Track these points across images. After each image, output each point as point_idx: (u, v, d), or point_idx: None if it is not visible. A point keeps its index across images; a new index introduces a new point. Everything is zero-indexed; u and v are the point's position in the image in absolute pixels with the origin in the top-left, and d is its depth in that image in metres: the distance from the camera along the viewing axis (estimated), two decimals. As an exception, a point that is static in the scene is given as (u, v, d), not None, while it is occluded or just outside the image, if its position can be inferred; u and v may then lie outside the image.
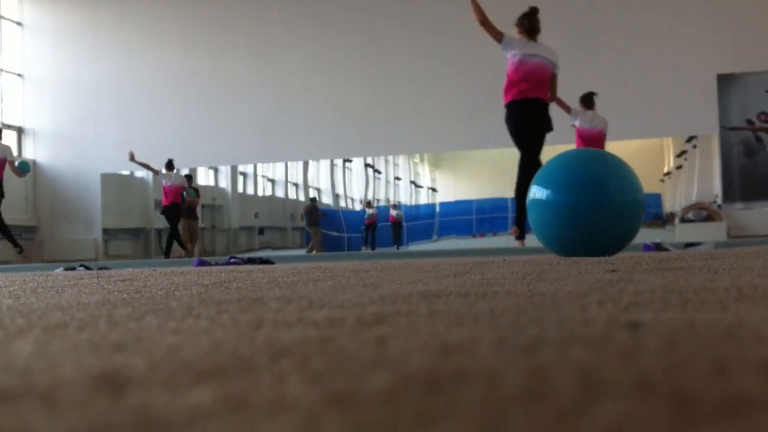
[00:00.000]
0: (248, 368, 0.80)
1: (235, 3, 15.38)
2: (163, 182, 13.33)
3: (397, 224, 15.55)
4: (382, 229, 15.60)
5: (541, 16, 7.43)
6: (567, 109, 8.70)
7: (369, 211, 15.65)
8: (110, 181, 16.00)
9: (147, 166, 13.22)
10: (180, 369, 0.79)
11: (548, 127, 7.32)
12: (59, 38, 16.29)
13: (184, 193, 13.83)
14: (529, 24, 7.29)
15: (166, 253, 13.45)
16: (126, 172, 16.20)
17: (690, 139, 13.73)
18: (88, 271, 5.45)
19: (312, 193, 16.17)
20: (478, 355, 0.83)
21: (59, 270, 6.33)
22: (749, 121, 13.21)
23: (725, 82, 13.25)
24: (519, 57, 7.20)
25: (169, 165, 13.33)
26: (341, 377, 0.72)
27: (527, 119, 7.17)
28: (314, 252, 14.75)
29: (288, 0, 15.13)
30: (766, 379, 0.67)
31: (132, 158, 12.93)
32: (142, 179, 16.32)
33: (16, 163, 10.83)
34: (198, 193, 14.48)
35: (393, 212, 15.64)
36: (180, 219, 13.55)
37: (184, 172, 15.49)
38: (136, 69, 15.79)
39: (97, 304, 1.81)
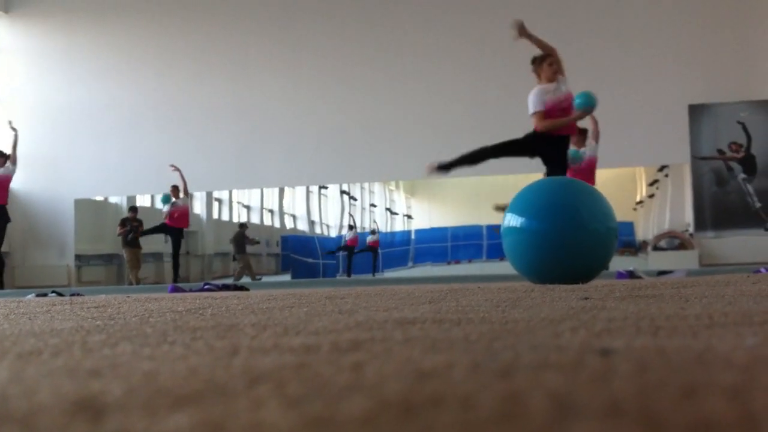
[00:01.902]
0: (225, 394, 0.80)
1: (211, 29, 15.41)
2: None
3: (374, 249, 15.55)
4: (358, 255, 15.58)
5: (513, 46, 7.55)
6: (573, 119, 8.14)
7: (349, 234, 15.60)
8: (84, 206, 15.87)
9: (183, 181, 13.42)
10: (157, 395, 0.80)
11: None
12: (34, 62, 16.21)
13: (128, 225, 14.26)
14: None
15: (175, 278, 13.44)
16: (100, 198, 16.08)
17: (662, 168, 13.89)
18: (61, 297, 5.40)
19: (288, 220, 16.13)
20: (453, 380, 0.84)
21: (31, 296, 6.26)
22: (720, 151, 13.40)
23: (696, 112, 13.45)
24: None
25: (175, 191, 13.62)
26: (318, 402, 0.73)
27: None
28: (237, 280, 14.70)
29: (264, 27, 15.19)
30: (735, 403, 0.68)
31: (176, 169, 13.33)
32: (116, 205, 16.20)
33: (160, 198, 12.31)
34: (141, 224, 14.55)
35: (370, 237, 15.64)
36: (180, 241, 13.69)
37: (157, 197, 15.41)
38: (111, 94, 15.73)
39: (70, 331, 1.80)
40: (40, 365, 1.12)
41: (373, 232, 15.71)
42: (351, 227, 15.66)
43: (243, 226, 15.64)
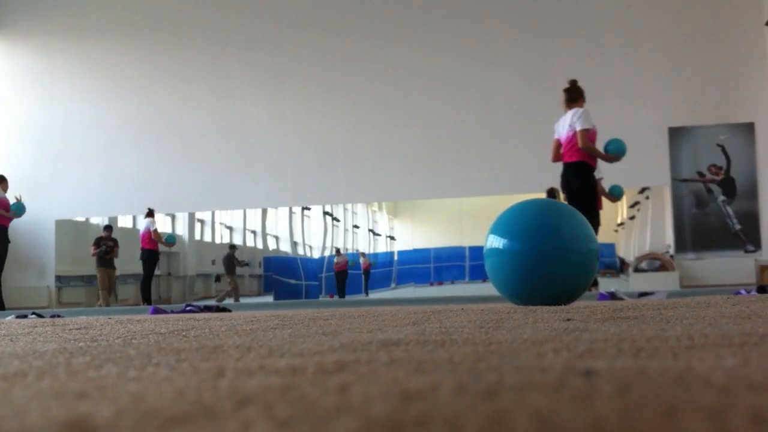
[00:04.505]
0: (214, 415, 0.80)
1: (194, 50, 15.42)
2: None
3: (366, 271, 15.62)
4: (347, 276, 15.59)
5: (495, 68, 7.65)
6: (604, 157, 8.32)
7: (337, 258, 15.60)
8: (65, 227, 15.77)
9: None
10: (146, 416, 0.80)
11: (573, 189, 7.69)
12: (16, 82, 16.15)
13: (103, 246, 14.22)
14: (564, 95, 7.89)
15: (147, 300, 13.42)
16: (81, 219, 15.99)
17: (643, 190, 14.00)
18: (42, 319, 5.36)
19: (270, 241, 16.10)
20: (438, 400, 0.85)
21: (10, 317, 6.21)
22: (700, 173, 13.52)
23: (676, 135, 13.58)
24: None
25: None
26: (306, 423, 0.74)
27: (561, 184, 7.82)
28: (231, 299, 14.90)
29: (247, 48, 15.22)
30: (714, 423, 0.70)
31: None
32: (97, 225, 16.10)
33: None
34: (116, 243, 14.50)
35: (361, 260, 15.69)
36: (155, 265, 13.64)
37: (139, 217, 15.37)
38: (92, 114, 15.68)
39: (54, 353, 1.79)
40: (26, 387, 1.12)
41: (363, 255, 15.74)
42: (338, 252, 15.66)
43: (233, 247, 15.66)
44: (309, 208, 15.70)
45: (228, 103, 15.21)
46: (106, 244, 14.30)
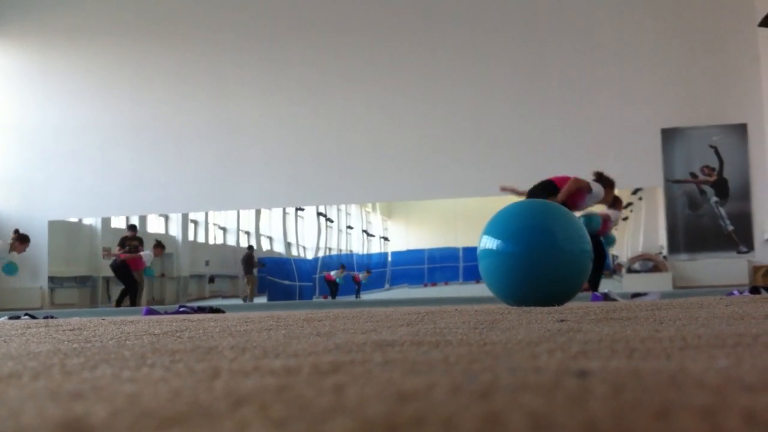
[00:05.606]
0: (210, 416, 0.81)
1: (188, 51, 15.40)
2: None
3: (357, 282, 15.63)
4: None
5: (490, 69, 7.67)
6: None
7: (338, 273, 15.53)
8: (58, 227, 15.73)
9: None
10: (142, 417, 0.80)
11: None
12: (10, 82, 16.10)
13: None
14: None
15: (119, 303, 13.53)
16: (74, 219, 15.95)
17: (636, 191, 14.02)
18: (35, 320, 5.35)
19: (264, 242, 16.09)
20: (433, 401, 0.85)
21: (3, 319, 6.19)
22: (693, 174, 13.56)
23: (669, 136, 13.61)
24: None
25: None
26: (302, 423, 0.74)
27: None
28: (248, 299, 15.13)
29: (241, 49, 15.21)
30: (707, 423, 0.70)
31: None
32: (90, 226, 16.07)
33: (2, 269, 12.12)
34: (142, 243, 14.50)
35: (362, 274, 15.63)
36: (129, 273, 13.81)
37: (134, 219, 15.35)
38: (86, 115, 15.64)
39: (48, 354, 1.79)
40: (21, 388, 1.12)
41: (368, 271, 15.69)
42: (343, 267, 15.59)
43: (251, 248, 15.75)
44: (303, 209, 15.69)
45: (222, 103, 15.19)
46: (131, 244, 14.18)
